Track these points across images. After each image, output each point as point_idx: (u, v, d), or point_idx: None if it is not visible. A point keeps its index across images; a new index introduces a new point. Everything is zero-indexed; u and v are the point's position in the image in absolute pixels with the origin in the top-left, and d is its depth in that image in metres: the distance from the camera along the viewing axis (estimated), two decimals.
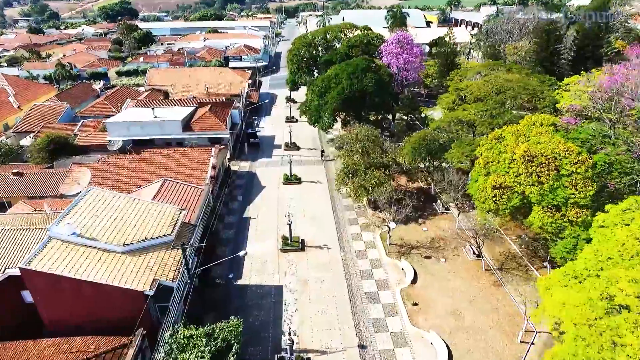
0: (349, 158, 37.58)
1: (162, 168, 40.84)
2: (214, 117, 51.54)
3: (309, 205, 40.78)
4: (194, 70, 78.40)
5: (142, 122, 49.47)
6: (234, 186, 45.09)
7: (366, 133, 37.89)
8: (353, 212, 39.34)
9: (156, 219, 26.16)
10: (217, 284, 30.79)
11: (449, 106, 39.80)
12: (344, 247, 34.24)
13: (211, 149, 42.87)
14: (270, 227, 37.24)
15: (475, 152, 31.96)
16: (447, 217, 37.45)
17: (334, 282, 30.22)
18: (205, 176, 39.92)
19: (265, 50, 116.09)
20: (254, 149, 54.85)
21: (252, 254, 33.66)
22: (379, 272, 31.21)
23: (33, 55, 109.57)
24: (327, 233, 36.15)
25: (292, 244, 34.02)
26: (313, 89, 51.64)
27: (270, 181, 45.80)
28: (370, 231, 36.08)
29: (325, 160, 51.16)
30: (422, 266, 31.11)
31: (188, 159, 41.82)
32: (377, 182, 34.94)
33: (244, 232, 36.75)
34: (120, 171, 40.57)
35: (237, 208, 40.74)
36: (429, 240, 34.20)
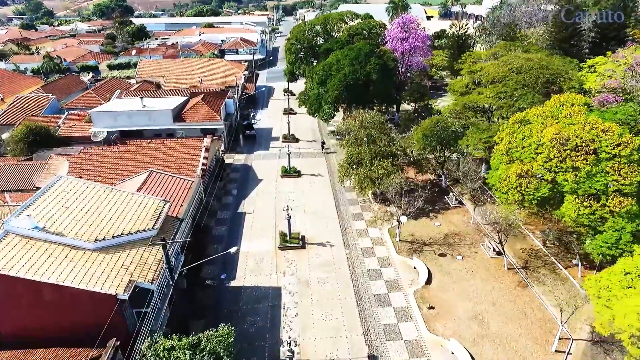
0: (353, 147, 34.31)
1: (149, 160, 37.53)
2: (207, 106, 48.23)
3: (310, 199, 37.53)
4: (187, 62, 75.02)
5: (130, 111, 46.10)
6: (228, 179, 41.79)
7: (372, 119, 34.65)
8: (357, 207, 36.11)
9: (136, 212, 22.85)
10: (207, 285, 27.50)
11: (461, 90, 36.61)
12: (348, 244, 31.01)
13: (203, 139, 39.56)
14: (267, 223, 33.97)
15: (494, 138, 28.79)
16: (461, 211, 34.25)
17: (338, 283, 26.98)
18: (197, 168, 36.62)
19: (263, 44, 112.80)
20: (250, 141, 51.55)
21: (247, 252, 30.39)
22: (389, 271, 27.98)
23: (22, 49, 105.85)
24: (330, 229, 32.91)
25: (291, 240, 30.75)
26: (313, 76, 48.41)
27: (268, 174, 42.53)
28: (377, 227, 32.85)
29: (326, 153, 47.92)
30: (436, 265, 27.89)
31: (178, 150, 38.51)
32: (384, 172, 31.69)
33: (238, 228, 33.46)
34: (103, 163, 37.20)
35: (231, 202, 37.44)
36: (443, 236, 30.99)
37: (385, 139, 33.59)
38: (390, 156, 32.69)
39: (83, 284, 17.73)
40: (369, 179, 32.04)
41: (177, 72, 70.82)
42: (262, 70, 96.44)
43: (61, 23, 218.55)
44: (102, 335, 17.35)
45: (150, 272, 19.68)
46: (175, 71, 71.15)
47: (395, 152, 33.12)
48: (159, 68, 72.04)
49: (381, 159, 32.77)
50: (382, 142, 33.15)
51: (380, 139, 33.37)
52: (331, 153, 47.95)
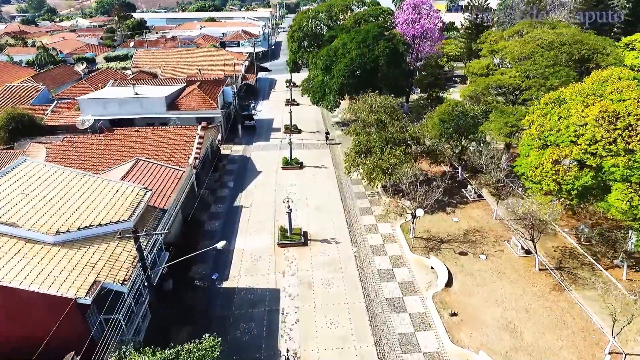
0: (362, 134, 30.93)
1: (137, 148, 34.34)
2: (203, 94, 45.05)
3: (313, 192, 34.21)
4: (185, 51, 71.86)
5: (120, 99, 43.03)
6: (225, 171, 38.54)
7: (382, 103, 31.26)
8: (366, 200, 32.74)
9: (111, 201, 19.62)
10: (196, 286, 24.23)
11: (481, 72, 33.13)
12: (356, 241, 27.65)
13: (197, 127, 36.34)
14: (265, 218, 30.68)
15: (523, 121, 25.35)
16: (481, 205, 30.81)
17: (345, 285, 23.64)
18: (189, 158, 33.40)
19: (265, 37, 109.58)
20: (249, 132, 48.28)
21: (243, 250, 27.11)
22: (403, 272, 24.60)
23: (18, 42, 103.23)
24: (336, 224, 29.57)
25: (292, 237, 27.44)
26: (317, 62, 45.09)
27: (267, 166, 39.25)
28: (388, 222, 29.47)
29: (330, 144, 44.57)
30: (457, 264, 24.48)
31: (169, 139, 35.30)
32: (396, 161, 28.30)
33: (233, 222, 30.18)
34: (87, 151, 34.05)
35: (227, 195, 34.17)
36: (462, 232, 27.58)
37: (397, 124, 30.20)
38: (402, 143, 29.28)
39: (35, 286, 14.49)
40: (379, 168, 28.65)
41: (174, 62, 67.76)
42: (264, 63, 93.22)
43: (62, 19, 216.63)
44: (58, 348, 14.12)
45: (121, 272, 16.43)
46: (172, 61, 68.08)
47: (408, 139, 29.69)
48: (156, 58, 68.99)
49: (393, 147, 29.38)
50: (393, 128, 29.76)
51: (391, 125, 29.98)
52: (336, 144, 44.61)
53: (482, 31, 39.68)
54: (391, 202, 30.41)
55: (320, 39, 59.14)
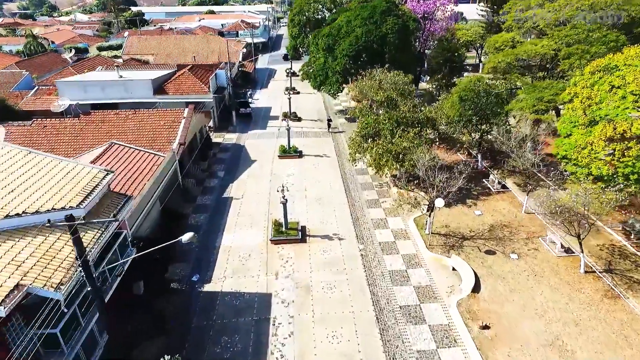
0: (369, 114, 26.93)
1: (115, 132, 30.51)
2: (193, 77, 41.19)
3: (313, 183, 30.26)
4: (180, 38, 68.08)
5: (102, 82, 39.21)
6: (215, 160, 34.63)
7: (393, 79, 27.25)
8: (373, 192, 28.75)
9: (59, 183, 15.71)
10: (173, 290, 20.32)
11: (506, 45, 29.01)
12: (362, 238, 23.67)
13: (183, 110, 32.45)
14: (258, 211, 26.75)
15: (562, 95, 21.31)
16: (506, 197, 26.76)
17: (350, 290, 19.67)
18: (173, 143, 29.53)
19: (265, 28, 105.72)
20: (244, 120, 44.37)
21: (230, 247, 23.18)
22: (419, 274, 20.59)
23: (10, 33, 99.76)
24: (339, 218, 25.61)
25: (287, 232, 23.48)
26: (318, 42, 41.08)
27: (263, 155, 35.31)
28: (399, 216, 25.49)
29: (333, 132, 40.58)
30: (484, 265, 20.46)
31: (152, 122, 31.44)
32: (410, 144, 24.29)
33: (221, 216, 26.26)
34: (59, 135, 30.26)
35: (215, 186, 30.25)
36: (487, 227, 23.55)
37: (409, 103, 26.18)
38: (416, 125, 25.27)
39: None
40: (389, 154, 24.63)
41: (168, 50, 63.90)
42: (264, 53, 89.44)
43: (61, 15, 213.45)
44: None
45: (58, 273, 12.50)
46: (166, 48, 64.24)
47: (423, 120, 25.66)
48: (149, 45, 65.16)
49: (405, 129, 25.37)
50: (406, 107, 25.75)
51: (403, 104, 25.96)
52: (339, 132, 40.62)
53: (506, 1, 35.68)
54: (402, 193, 26.38)
55: (322, 24, 55.16)
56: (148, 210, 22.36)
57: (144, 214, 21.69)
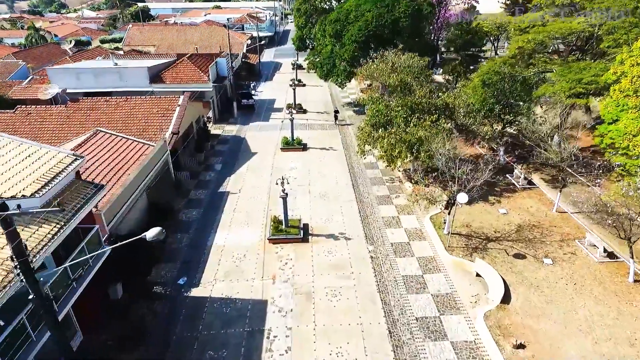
0: (380, 101, 24.25)
1: (104, 120, 28.25)
2: (192, 65, 38.79)
3: (318, 177, 27.66)
4: (182, 29, 65.99)
5: (95, 69, 36.99)
6: (213, 152, 32.17)
7: (408, 62, 24.54)
8: (384, 187, 26.06)
9: (15, 168, 13.29)
10: (155, 295, 17.85)
11: (534, 24, 26.03)
12: (372, 238, 21.00)
13: (178, 97, 30.06)
14: (256, 207, 24.22)
15: (606, 75, 18.44)
16: (533, 193, 23.91)
17: (358, 297, 17.04)
18: (166, 132, 27.14)
19: (272, 23, 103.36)
20: (246, 112, 41.93)
21: (224, 246, 20.66)
22: (438, 280, 17.89)
23: (13, 27, 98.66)
24: (346, 216, 22.98)
25: (287, 230, 20.89)
26: (325, 29, 38.47)
27: (264, 147, 32.78)
28: (413, 213, 22.80)
29: (340, 125, 37.93)
30: (513, 271, 17.68)
31: (144, 110, 29.12)
32: (426, 134, 21.57)
33: (215, 212, 23.76)
34: (44, 123, 28.09)
35: (211, 180, 27.77)
36: (514, 228, 20.74)
37: (426, 88, 23.44)
38: (434, 111, 22.52)
39: None
40: (403, 143, 21.91)
41: (170, 41, 61.74)
42: (270, 48, 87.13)
43: (69, 12, 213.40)
44: None
45: None
46: (168, 39, 62.10)
47: (442, 106, 22.90)
48: (151, 35, 63.08)
49: (420, 116, 22.64)
50: (422, 92, 23.00)
51: (419, 89, 23.23)
52: (347, 125, 37.96)
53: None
54: (417, 188, 23.64)
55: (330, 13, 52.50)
56: (132, 204, 19.92)
57: (126, 208, 19.25)
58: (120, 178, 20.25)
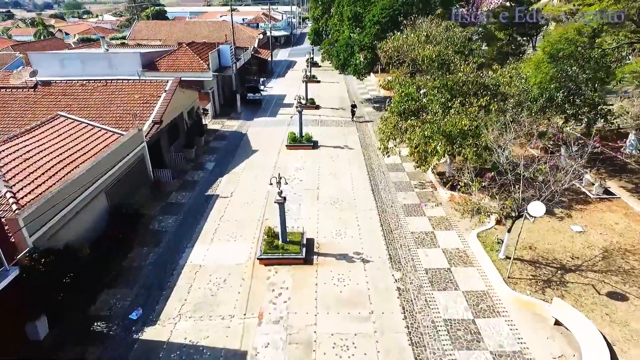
0: (408, 83, 18.87)
1: (77, 106, 23.84)
2: (191, 52, 34.32)
3: (329, 180, 22.37)
4: (191, 23, 62.44)
5: (82, 54, 32.85)
6: (206, 149, 27.27)
7: (446, 34, 19.15)
8: (412, 194, 20.55)
9: None
10: (95, 334, 12.74)
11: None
12: (399, 261, 15.50)
13: (166, 82, 25.40)
14: (249, 214, 19.05)
15: None
16: (614, 206, 18.00)
17: (381, 353, 11.54)
18: (146, 121, 22.40)
19: (288, 23, 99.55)
20: (252, 107, 37.15)
21: (200, 266, 15.51)
22: (497, 328, 12.23)
23: (28, 26, 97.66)
24: (363, 230, 17.57)
25: (284, 247, 15.56)
26: (343, 11, 33.50)
27: (267, 144, 27.76)
28: (453, 229, 17.24)
29: (358, 122, 32.66)
30: (614, 321, 11.91)
31: (124, 96, 24.55)
32: (472, 123, 16.07)
33: (197, 219, 18.67)
34: (6, 108, 23.74)
35: (199, 180, 22.78)
36: (599, 253, 14.93)
37: (472, 64, 17.95)
38: (484, 93, 17.02)
39: None
40: (441, 135, 16.43)
41: (177, 35, 57.97)
42: (286, 47, 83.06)
43: (91, 17, 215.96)
44: None
45: None
46: (176, 33, 58.45)
47: (492, 87, 17.36)
48: (157, 30, 59.63)
49: (465, 101, 17.16)
50: (469, 68, 17.52)
51: (465, 65, 17.75)
52: (365, 122, 32.67)
53: None
54: (465, 198, 17.98)
55: None
56: (79, 208, 15.00)
57: (69, 213, 14.33)
58: (70, 173, 15.45)
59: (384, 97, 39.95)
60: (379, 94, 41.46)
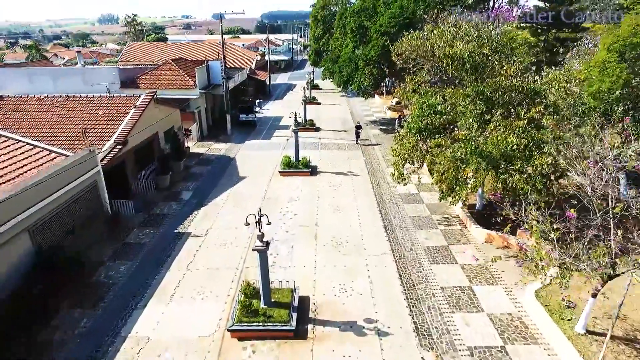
0: (430, 92, 14.86)
1: (27, 123, 19.94)
2: (177, 68, 30.87)
3: (330, 215, 18.00)
4: (186, 45, 59.97)
5: (54, 69, 29.42)
6: (185, 175, 23.06)
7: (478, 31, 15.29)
8: (436, 233, 16.12)
9: None
10: None
11: None
12: (429, 333, 10.90)
13: (137, 97, 21.57)
14: (225, 260, 14.60)
15: None
16: None
17: None
18: (107, 140, 18.35)
19: (289, 48, 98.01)
20: (245, 129, 33.32)
21: (148, 339, 10.92)
22: None
23: (24, 50, 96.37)
24: (377, 284, 13.04)
25: (266, 312, 10.98)
26: (345, 23, 30.18)
27: (258, 170, 23.58)
28: (498, 283, 12.71)
29: (363, 145, 28.64)
30: None
31: (86, 112, 20.62)
32: (519, 142, 11.89)
33: (157, 267, 14.18)
34: None
35: (170, 213, 18.42)
36: None
37: (516, 66, 13.94)
38: (533, 100, 12.93)
39: None
40: (480, 157, 12.21)
41: (171, 56, 54.49)
42: (286, 72, 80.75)
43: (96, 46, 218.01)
44: None
45: None
46: (169, 55, 55.27)
47: (543, 94, 13.29)
48: (151, 52, 56.97)
49: (507, 112, 13.03)
50: (512, 69, 13.50)
51: (508, 66, 13.75)
52: (372, 145, 28.63)
53: None
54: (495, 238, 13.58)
55: None
56: None
57: None
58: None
59: (391, 118, 36.27)
60: (385, 116, 37.77)
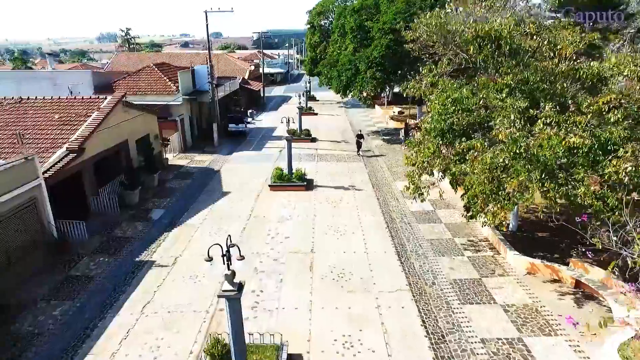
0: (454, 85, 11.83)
1: None
2: (158, 72, 27.95)
3: (329, 238, 14.68)
4: (176, 55, 57.34)
5: (20, 72, 26.55)
6: (159, 190, 19.73)
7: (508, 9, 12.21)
8: (462, 261, 12.82)
9: None
10: None
11: None
12: None
13: (102, 99, 18.47)
14: (193, 300, 11.19)
15: None
16: None
17: None
18: (59, 148, 15.12)
19: (285, 61, 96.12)
20: (234, 139, 30.26)
21: None
22: None
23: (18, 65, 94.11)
24: (394, 339, 9.63)
25: None
26: (345, 22, 27.46)
27: (244, 185, 20.31)
28: (558, 332, 9.34)
29: (365, 156, 25.51)
30: None
31: (39, 116, 17.48)
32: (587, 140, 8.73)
33: (101, 312, 10.74)
34: None
35: (134, 236, 15.03)
36: None
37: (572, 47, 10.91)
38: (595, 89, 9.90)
39: None
40: (529, 164, 9.05)
41: None
42: (282, 85, 78.43)
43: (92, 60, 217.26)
44: None
45: None
46: None
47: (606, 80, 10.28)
48: (139, 62, 54.09)
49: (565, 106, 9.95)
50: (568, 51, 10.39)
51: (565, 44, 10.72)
52: (375, 157, 25.52)
53: None
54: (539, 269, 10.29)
55: None
56: None
57: None
58: None
59: (394, 129, 33.37)
60: (387, 126, 34.87)
